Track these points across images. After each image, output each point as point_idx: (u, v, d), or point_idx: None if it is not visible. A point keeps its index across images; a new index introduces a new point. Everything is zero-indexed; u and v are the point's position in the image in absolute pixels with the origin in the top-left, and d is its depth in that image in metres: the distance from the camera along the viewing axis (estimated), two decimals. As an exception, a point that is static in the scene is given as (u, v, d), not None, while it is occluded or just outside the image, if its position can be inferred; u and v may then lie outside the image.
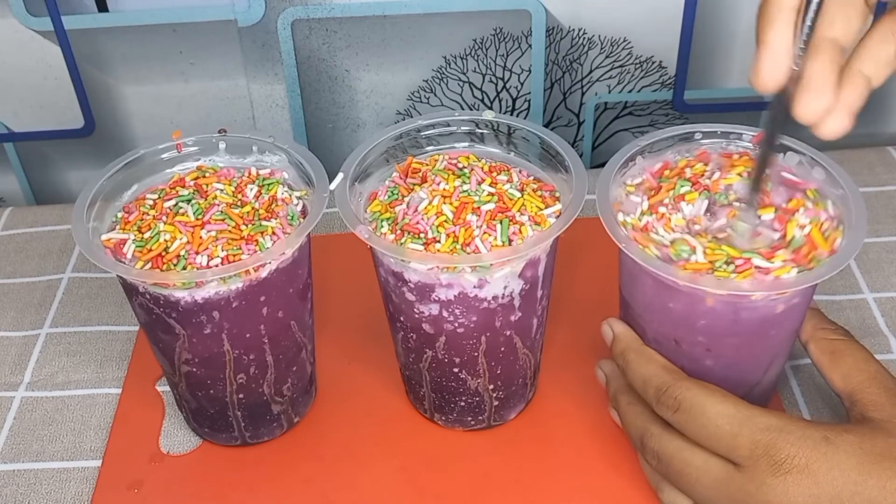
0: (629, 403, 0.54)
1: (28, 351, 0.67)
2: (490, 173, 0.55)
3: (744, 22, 0.78)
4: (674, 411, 0.50)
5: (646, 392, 0.52)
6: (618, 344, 0.55)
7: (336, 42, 0.77)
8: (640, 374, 0.53)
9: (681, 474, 0.50)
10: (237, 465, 0.59)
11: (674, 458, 0.50)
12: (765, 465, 0.46)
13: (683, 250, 0.49)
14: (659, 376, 0.52)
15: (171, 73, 0.79)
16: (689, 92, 0.81)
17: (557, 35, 0.78)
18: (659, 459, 0.51)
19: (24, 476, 0.59)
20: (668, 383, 0.51)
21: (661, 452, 0.51)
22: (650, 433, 0.52)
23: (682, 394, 0.50)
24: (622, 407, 0.55)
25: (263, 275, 0.52)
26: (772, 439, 0.46)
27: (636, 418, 0.53)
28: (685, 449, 0.50)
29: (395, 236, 0.52)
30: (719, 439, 0.48)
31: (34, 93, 0.79)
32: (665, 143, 0.56)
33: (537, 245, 0.51)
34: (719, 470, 0.48)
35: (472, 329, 0.53)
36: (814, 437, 0.46)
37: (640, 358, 0.54)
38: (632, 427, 0.54)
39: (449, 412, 0.59)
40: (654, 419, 0.52)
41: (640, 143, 0.56)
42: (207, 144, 0.58)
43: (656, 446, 0.51)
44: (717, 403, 0.48)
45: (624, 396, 0.55)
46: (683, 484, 0.50)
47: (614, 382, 0.57)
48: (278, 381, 0.57)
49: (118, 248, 0.52)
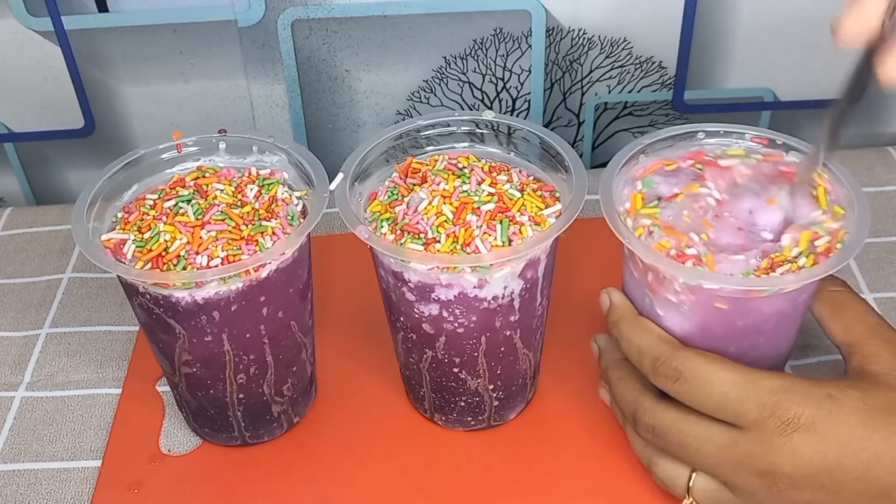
0: (620, 378, 0.54)
1: (28, 351, 0.67)
2: (490, 173, 0.55)
3: (743, 22, 0.78)
4: (674, 381, 0.49)
5: (641, 362, 0.51)
6: (613, 313, 0.54)
7: (336, 42, 0.77)
8: (635, 344, 0.52)
9: (681, 445, 0.50)
10: (237, 466, 0.59)
11: (671, 429, 0.50)
12: (772, 426, 0.46)
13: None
14: (656, 346, 0.51)
15: (171, 74, 0.79)
16: (690, 92, 0.81)
17: (557, 35, 0.78)
18: (654, 433, 0.51)
19: (24, 476, 0.59)
20: (666, 353, 0.50)
21: (656, 425, 0.50)
22: (643, 407, 0.51)
23: (683, 363, 0.49)
24: (613, 381, 0.54)
25: (263, 275, 0.52)
26: (777, 401, 0.46)
27: (627, 392, 0.53)
28: (682, 419, 0.49)
29: (395, 236, 0.52)
30: (725, 406, 0.47)
31: (34, 93, 0.79)
32: (667, 142, 0.56)
33: (537, 245, 0.51)
34: (722, 436, 0.48)
35: (472, 329, 0.53)
36: (818, 395, 0.46)
37: (634, 328, 0.53)
38: (623, 401, 0.53)
39: (449, 412, 0.59)
40: (647, 392, 0.52)
41: (642, 142, 0.55)
42: (207, 145, 0.58)
43: (651, 419, 0.51)
44: (719, 370, 0.48)
45: (616, 370, 0.54)
46: (684, 454, 0.50)
47: (607, 356, 0.56)
48: (278, 381, 0.57)
49: (118, 249, 0.52)
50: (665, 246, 0.50)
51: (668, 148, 0.56)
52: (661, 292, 0.51)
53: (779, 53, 0.79)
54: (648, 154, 0.56)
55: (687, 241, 0.50)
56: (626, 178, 0.54)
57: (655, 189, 0.54)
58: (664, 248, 0.50)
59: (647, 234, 0.51)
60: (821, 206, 0.51)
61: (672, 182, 0.53)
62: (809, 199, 0.52)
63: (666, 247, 0.50)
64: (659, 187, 0.54)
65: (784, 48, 0.79)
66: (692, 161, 0.55)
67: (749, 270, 0.48)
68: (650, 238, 0.50)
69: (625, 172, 0.55)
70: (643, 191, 0.53)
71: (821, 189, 0.52)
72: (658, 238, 0.50)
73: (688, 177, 0.54)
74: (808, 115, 0.83)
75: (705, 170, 0.54)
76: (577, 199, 0.52)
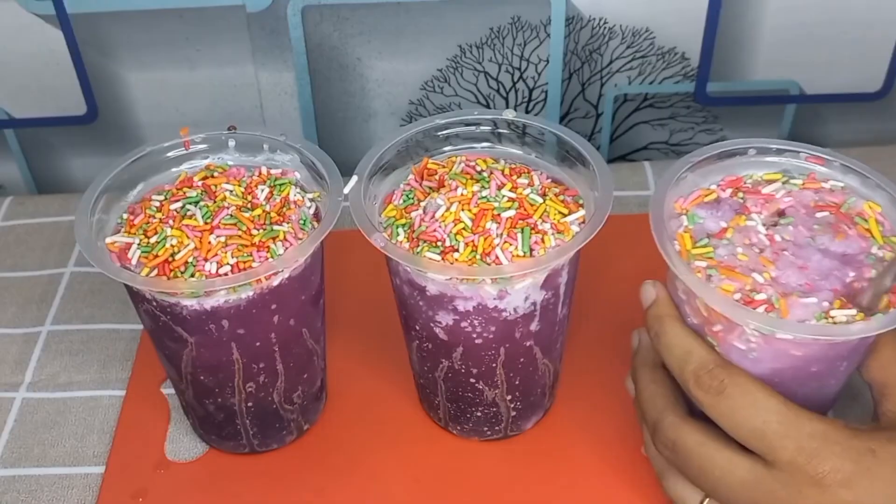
0: (652, 381, 0.50)
1: (29, 349, 0.65)
2: (510, 177, 0.52)
3: (769, 12, 0.75)
4: (716, 394, 0.46)
5: (683, 367, 0.47)
6: (657, 308, 0.50)
7: (348, 29, 0.75)
8: (679, 345, 0.48)
9: (701, 470, 0.47)
10: (245, 474, 0.57)
11: (694, 452, 0.47)
12: (805, 473, 0.44)
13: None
14: (705, 352, 0.47)
15: (176, 60, 0.76)
16: (712, 84, 0.78)
17: (577, 24, 0.75)
18: (674, 451, 0.48)
19: (25, 482, 0.57)
20: (714, 362, 0.46)
21: (678, 444, 0.48)
22: (668, 421, 0.48)
23: (730, 378, 0.46)
24: (641, 383, 0.51)
25: (275, 283, 0.50)
26: (816, 448, 0.44)
27: (655, 399, 0.50)
28: (707, 443, 0.47)
29: (411, 244, 0.50)
30: (762, 436, 0.45)
31: (36, 78, 0.77)
32: (715, 158, 0.52)
33: (561, 257, 0.48)
34: (747, 471, 0.45)
35: (491, 340, 0.51)
36: (859, 449, 0.44)
37: (680, 328, 0.49)
38: (648, 408, 0.50)
39: (465, 422, 0.57)
40: (675, 405, 0.49)
41: (691, 160, 0.52)
42: (216, 142, 0.56)
43: (673, 436, 0.48)
44: (768, 397, 0.45)
45: (647, 372, 0.51)
46: (702, 480, 0.47)
47: (642, 355, 0.52)
48: (288, 388, 0.55)
49: (123, 254, 0.50)
50: (728, 290, 0.46)
51: (711, 167, 0.52)
52: (727, 339, 0.47)
53: (805, 46, 0.77)
54: (695, 172, 0.52)
55: (752, 284, 0.46)
56: (666, 212, 0.51)
57: (702, 225, 0.50)
58: (728, 291, 0.46)
59: (705, 277, 0.47)
60: (876, 240, 0.48)
61: (717, 216, 0.50)
62: (861, 234, 0.49)
63: (729, 291, 0.46)
64: (706, 223, 0.50)
65: (811, 40, 0.76)
66: (732, 190, 0.51)
67: (821, 313, 0.45)
68: (710, 282, 0.47)
69: (672, 194, 0.51)
70: (690, 228, 0.50)
71: (872, 221, 0.49)
72: (719, 281, 0.46)
73: (731, 208, 0.50)
74: (834, 110, 0.81)
75: (747, 199, 0.51)
76: (602, 209, 0.50)
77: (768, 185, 0.51)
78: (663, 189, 0.51)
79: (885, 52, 0.77)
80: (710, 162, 0.52)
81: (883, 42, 0.76)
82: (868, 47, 0.77)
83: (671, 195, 0.51)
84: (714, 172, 0.53)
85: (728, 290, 0.46)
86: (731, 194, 0.51)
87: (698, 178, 0.52)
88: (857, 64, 0.78)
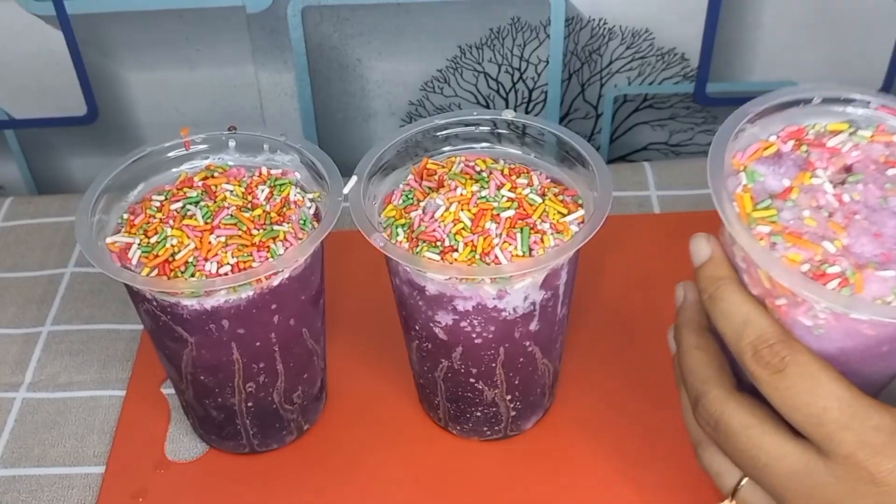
0: (696, 347, 0.46)
1: (29, 349, 0.65)
2: (510, 177, 0.52)
3: (769, 13, 0.75)
4: (774, 371, 0.41)
5: (740, 336, 0.43)
6: (713, 268, 0.45)
7: (348, 30, 0.75)
8: (738, 312, 0.43)
9: (744, 454, 0.43)
10: (245, 474, 0.57)
11: (739, 433, 0.43)
12: (864, 470, 0.40)
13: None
14: (765, 324, 0.42)
15: (176, 60, 0.76)
16: (712, 85, 0.78)
17: (577, 25, 0.75)
18: (717, 430, 0.44)
19: (25, 482, 0.57)
20: (776, 336, 0.42)
21: (721, 422, 0.43)
22: (713, 395, 0.44)
23: (794, 355, 0.41)
24: (684, 346, 0.46)
25: (275, 283, 0.50)
26: (882, 444, 0.40)
27: (699, 368, 0.45)
28: (756, 426, 0.42)
29: (411, 244, 0.50)
30: (820, 423, 0.40)
31: (36, 79, 0.77)
32: (778, 108, 0.47)
33: (560, 257, 0.49)
34: (797, 460, 0.42)
35: (490, 340, 0.51)
36: None
37: (740, 295, 0.43)
38: (690, 377, 0.45)
39: (464, 422, 0.57)
40: (721, 378, 0.44)
41: (750, 111, 0.46)
42: (217, 142, 0.56)
43: (717, 413, 0.43)
44: (832, 381, 0.41)
45: (692, 336, 0.46)
46: (746, 464, 0.43)
47: (687, 314, 0.47)
48: (288, 388, 0.55)
49: (123, 253, 0.50)
50: (795, 260, 0.41)
51: (770, 117, 0.47)
52: (792, 314, 0.43)
53: (804, 46, 0.77)
54: (755, 123, 0.46)
55: (822, 254, 0.41)
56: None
57: (763, 183, 0.44)
58: (795, 262, 0.41)
59: (769, 245, 0.42)
60: None
61: (779, 172, 0.44)
62: None
63: (796, 261, 0.41)
64: (767, 181, 0.44)
65: (810, 41, 0.76)
66: (794, 142, 0.45)
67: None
68: (774, 250, 0.42)
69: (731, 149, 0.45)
70: (750, 187, 0.44)
71: None
72: (784, 250, 0.41)
73: (795, 164, 0.45)
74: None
75: (811, 152, 0.45)
76: (601, 209, 0.49)
77: (833, 136, 0.45)
78: (723, 141, 0.45)
79: (885, 52, 0.77)
80: (770, 112, 0.47)
81: (882, 42, 0.76)
82: (868, 47, 0.77)
83: (729, 149, 0.45)
84: (773, 123, 0.47)
85: (795, 261, 0.41)
86: (793, 147, 0.45)
87: (757, 129, 0.47)
88: (856, 64, 0.78)
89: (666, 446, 0.56)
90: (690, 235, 0.47)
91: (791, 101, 0.47)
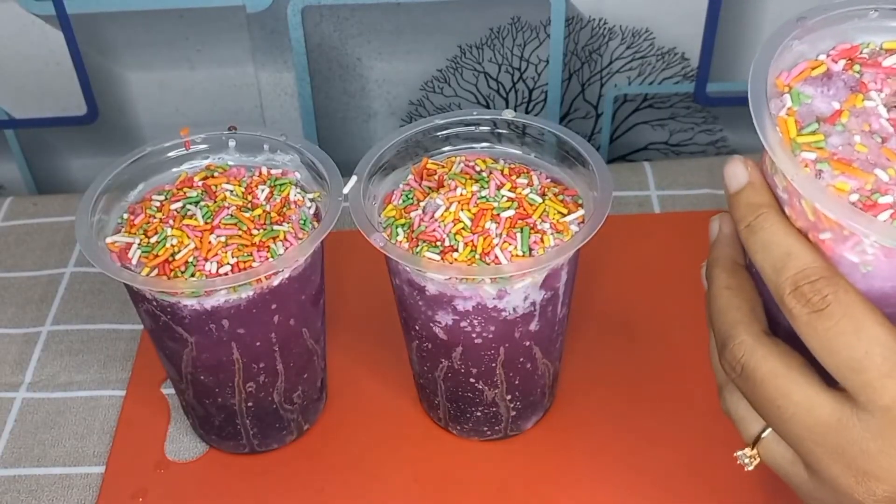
0: (726, 286, 0.42)
1: (29, 349, 0.65)
2: (510, 177, 0.52)
3: (769, 12, 0.75)
4: (814, 310, 0.37)
5: (780, 271, 0.39)
6: (752, 194, 0.40)
7: (348, 29, 0.75)
8: (780, 245, 0.39)
9: (770, 403, 0.39)
10: (245, 474, 0.57)
11: (767, 382, 0.39)
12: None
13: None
14: (808, 258, 0.38)
15: (177, 60, 0.76)
16: (712, 84, 0.78)
17: (577, 25, 0.75)
18: (742, 377, 0.40)
19: (25, 482, 0.57)
20: (819, 272, 0.38)
21: (747, 369, 0.40)
22: (740, 340, 0.40)
23: (838, 294, 0.37)
24: (714, 286, 0.43)
25: (275, 283, 0.50)
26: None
27: (728, 311, 0.41)
28: (784, 375, 0.39)
29: (411, 244, 0.50)
30: (860, 369, 0.37)
31: (36, 79, 0.77)
32: (828, 22, 0.43)
33: (560, 257, 0.49)
34: (829, 413, 0.38)
35: (490, 340, 0.51)
36: None
37: (782, 225, 0.39)
38: (719, 317, 0.42)
39: (464, 422, 0.57)
40: (751, 321, 0.41)
41: (798, 25, 0.42)
42: (217, 142, 0.56)
43: (744, 359, 0.40)
44: (878, 324, 0.37)
45: (724, 274, 0.42)
46: (770, 414, 0.40)
47: (721, 249, 0.44)
48: (288, 388, 0.55)
49: (123, 253, 0.50)
50: (843, 189, 0.38)
51: (820, 33, 0.42)
52: (837, 250, 0.39)
53: (805, 46, 0.77)
54: (802, 40, 0.42)
55: (874, 183, 0.37)
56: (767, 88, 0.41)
57: (810, 106, 0.40)
58: (843, 192, 0.38)
59: (814, 173, 0.38)
60: None
61: (828, 94, 0.41)
62: None
63: (844, 190, 0.38)
64: (814, 103, 0.40)
65: (811, 40, 0.76)
66: (846, 61, 0.41)
67: None
68: (821, 179, 0.38)
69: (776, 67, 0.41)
70: (795, 109, 0.40)
71: None
72: (831, 179, 0.38)
73: (846, 85, 0.41)
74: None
75: (864, 72, 0.41)
76: (601, 209, 0.49)
77: (889, 55, 0.42)
78: (766, 59, 0.41)
79: (885, 52, 0.77)
80: (820, 26, 0.43)
81: (882, 42, 0.76)
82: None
83: (773, 68, 0.41)
84: (822, 39, 0.43)
85: (843, 190, 0.38)
86: (845, 67, 0.41)
87: (805, 47, 0.43)
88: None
89: (666, 446, 0.56)
90: (690, 235, 0.46)
91: (843, 14, 0.43)
